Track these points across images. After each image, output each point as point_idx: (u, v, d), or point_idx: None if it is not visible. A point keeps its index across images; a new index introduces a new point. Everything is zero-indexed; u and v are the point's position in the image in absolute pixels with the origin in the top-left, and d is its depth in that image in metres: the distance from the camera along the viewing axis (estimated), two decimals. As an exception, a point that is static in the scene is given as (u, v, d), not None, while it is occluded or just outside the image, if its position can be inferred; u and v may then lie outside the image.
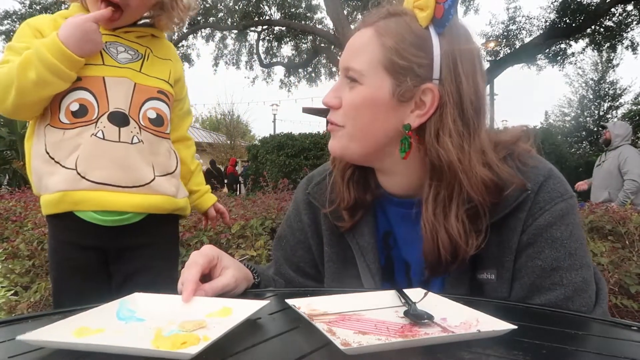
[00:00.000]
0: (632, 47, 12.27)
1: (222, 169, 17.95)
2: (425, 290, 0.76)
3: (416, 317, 0.65)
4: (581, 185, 5.18)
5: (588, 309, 0.81)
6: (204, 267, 0.80)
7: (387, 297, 0.76)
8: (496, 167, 0.82)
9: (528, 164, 0.84)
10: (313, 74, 16.24)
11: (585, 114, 22.40)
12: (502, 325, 0.58)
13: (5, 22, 14.05)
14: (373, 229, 0.95)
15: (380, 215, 0.96)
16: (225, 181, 15.46)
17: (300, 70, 16.21)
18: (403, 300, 0.73)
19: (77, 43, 1.17)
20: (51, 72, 1.15)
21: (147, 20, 1.41)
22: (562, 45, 12.52)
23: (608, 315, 0.84)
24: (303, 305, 0.71)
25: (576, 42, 12.44)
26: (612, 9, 11.22)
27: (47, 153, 1.24)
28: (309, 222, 1.02)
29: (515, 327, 0.57)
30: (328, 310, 0.71)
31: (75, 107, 1.23)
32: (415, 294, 0.75)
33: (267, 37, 15.61)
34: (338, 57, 13.38)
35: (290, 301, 0.72)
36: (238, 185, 15.97)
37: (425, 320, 0.64)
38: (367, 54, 0.83)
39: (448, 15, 0.81)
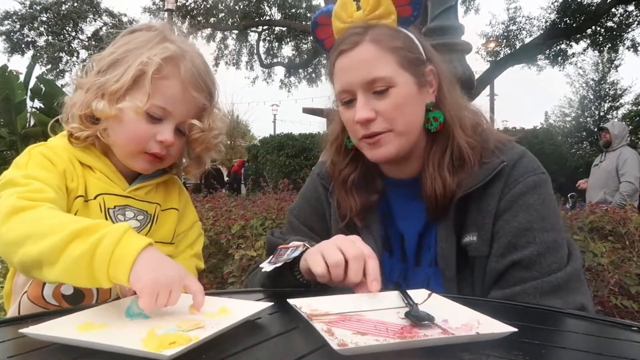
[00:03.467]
0: (633, 47, 12.26)
1: (224, 170, 17.97)
2: (429, 292, 0.76)
3: (417, 318, 0.65)
4: (582, 183, 5.19)
5: (560, 266, 0.89)
6: None
7: (390, 298, 0.76)
8: (466, 107, 1.04)
9: (506, 144, 1.00)
10: (313, 74, 16.25)
11: (586, 114, 22.38)
12: (502, 328, 0.58)
13: (6, 22, 14.06)
14: (375, 211, 1.07)
15: (381, 200, 1.08)
16: (227, 179, 15.48)
17: (300, 70, 16.22)
18: (405, 302, 0.73)
19: (147, 278, 0.70)
20: (90, 273, 0.74)
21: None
22: (563, 46, 12.51)
23: (581, 276, 0.93)
24: (304, 305, 0.71)
25: (577, 42, 12.42)
26: (613, 9, 11.21)
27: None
28: (324, 192, 1.14)
29: (516, 330, 0.57)
30: (330, 310, 0.71)
31: (68, 290, 0.96)
32: (418, 295, 0.75)
33: (268, 38, 15.64)
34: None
35: (291, 301, 0.72)
36: (240, 186, 15.98)
37: (426, 322, 0.64)
38: (384, 61, 0.94)
39: (417, 12, 0.97)
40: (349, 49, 0.95)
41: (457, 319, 0.66)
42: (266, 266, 0.91)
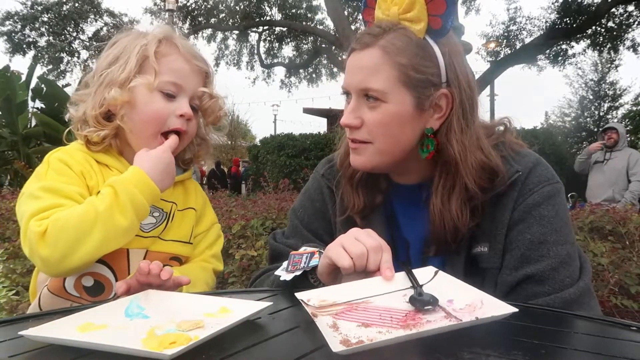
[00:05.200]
0: (633, 47, 12.24)
1: (225, 170, 17.96)
2: (435, 269, 0.77)
3: (421, 303, 0.66)
4: (595, 146, 5.07)
5: (572, 280, 0.88)
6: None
7: (398, 279, 0.77)
8: (487, 152, 0.94)
9: (520, 152, 0.97)
10: (314, 75, 16.23)
11: (586, 114, 22.35)
12: (504, 309, 0.59)
13: (7, 23, 14.06)
14: (380, 213, 1.05)
15: (385, 201, 1.05)
16: (229, 181, 15.45)
17: (300, 70, 16.20)
18: (411, 283, 0.74)
19: (159, 177, 1.00)
20: (140, 215, 0.97)
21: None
22: (563, 46, 12.48)
23: (592, 290, 0.91)
24: (313, 297, 0.72)
25: (577, 42, 12.40)
26: (613, 10, 11.19)
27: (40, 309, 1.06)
28: (329, 192, 1.12)
29: (516, 309, 0.58)
30: (337, 300, 0.72)
31: (89, 282, 1.03)
32: (425, 273, 0.76)
33: (268, 38, 15.61)
34: (339, 58, 13.37)
35: (299, 295, 0.72)
36: (241, 187, 15.94)
37: (429, 307, 0.65)
38: (383, 73, 0.90)
39: (446, 27, 0.90)
40: (359, 50, 0.93)
41: (461, 299, 0.67)
42: (284, 275, 0.91)
